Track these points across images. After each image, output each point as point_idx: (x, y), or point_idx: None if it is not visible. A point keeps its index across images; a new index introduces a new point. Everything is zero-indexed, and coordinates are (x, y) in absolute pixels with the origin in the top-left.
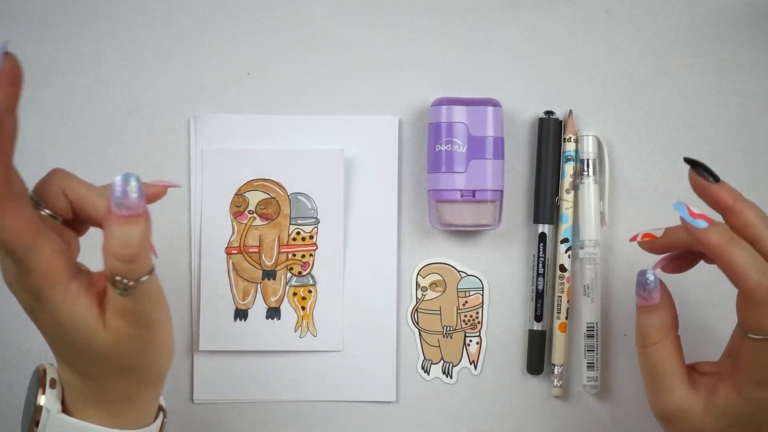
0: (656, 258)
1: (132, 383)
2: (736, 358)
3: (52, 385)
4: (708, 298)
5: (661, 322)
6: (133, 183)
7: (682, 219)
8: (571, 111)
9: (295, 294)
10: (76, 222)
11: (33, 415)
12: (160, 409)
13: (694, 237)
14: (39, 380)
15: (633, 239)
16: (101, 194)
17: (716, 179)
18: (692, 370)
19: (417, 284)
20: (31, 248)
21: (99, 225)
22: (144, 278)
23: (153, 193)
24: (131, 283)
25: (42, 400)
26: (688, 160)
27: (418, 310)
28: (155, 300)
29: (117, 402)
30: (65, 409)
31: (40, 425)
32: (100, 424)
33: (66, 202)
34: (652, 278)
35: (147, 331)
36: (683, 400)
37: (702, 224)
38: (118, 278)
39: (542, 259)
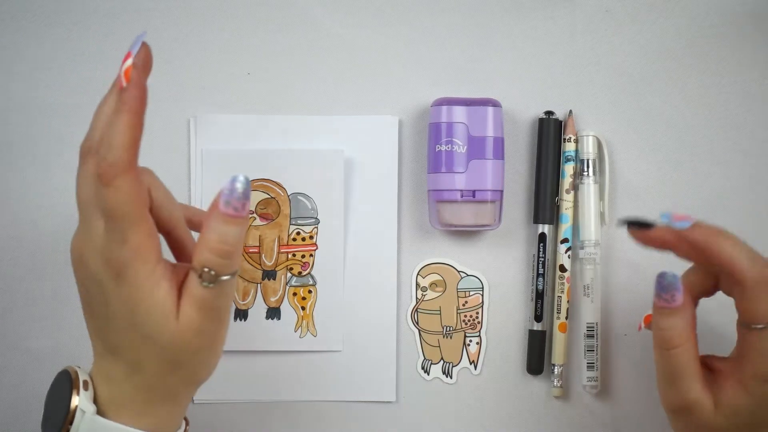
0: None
1: (180, 382)
2: (741, 355)
3: (86, 387)
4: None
5: (683, 324)
6: (244, 186)
7: (667, 227)
8: (571, 111)
9: (295, 294)
10: None
11: (65, 417)
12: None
13: (684, 237)
14: (71, 382)
15: (640, 329)
16: (177, 204)
17: (650, 226)
18: (703, 366)
19: (417, 284)
20: (135, 221)
21: (163, 231)
22: (228, 277)
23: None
24: (218, 277)
25: (75, 402)
26: (625, 222)
27: (418, 310)
28: (229, 300)
29: (156, 401)
30: (98, 411)
31: (73, 428)
32: (134, 425)
33: (148, 200)
34: (673, 279)
35: (215, 327)
36: (697, 397)
37: (686, 224)
38: (206, 269)
39: (542, 259)
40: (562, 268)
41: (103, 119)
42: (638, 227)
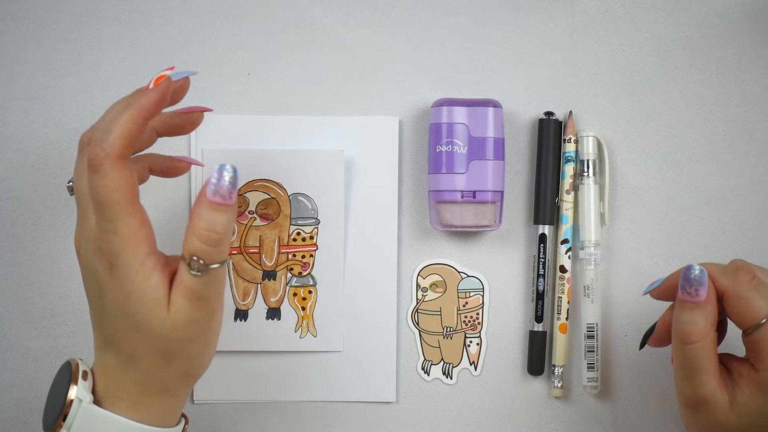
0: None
1: (174, 375)
2: (755, 359)
3: (85, 377)
4: None
5: (705, 321)
6: (231, 175)
7: (653, 292)
8: (571, 112)
9: (295, 294)
10: None
11: (63, 405)
12: (183, 415)
13: (665, 288)
14: (70, 373)
15: (673, 362)
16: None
17: (653, 329)
18: (721, 364)
19: (417, 285)
20: (123, 210)
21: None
22: (216, 265)
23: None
24: (206, 266)
25: (74, 391)
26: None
27: (419, 310)
28: (219, 290)
29: (152, 394)
30: (96, 401)
31: (69, 417)
32: (130, 417)
33: (138, 192)
34: (699, 273)
35: (206, 317)
36: (713, 393)
37: (657, 282)
38: (195, 258)
39: (542, 259)
40: (563, 269)
41: (110, 115)
42: (648, 337)
